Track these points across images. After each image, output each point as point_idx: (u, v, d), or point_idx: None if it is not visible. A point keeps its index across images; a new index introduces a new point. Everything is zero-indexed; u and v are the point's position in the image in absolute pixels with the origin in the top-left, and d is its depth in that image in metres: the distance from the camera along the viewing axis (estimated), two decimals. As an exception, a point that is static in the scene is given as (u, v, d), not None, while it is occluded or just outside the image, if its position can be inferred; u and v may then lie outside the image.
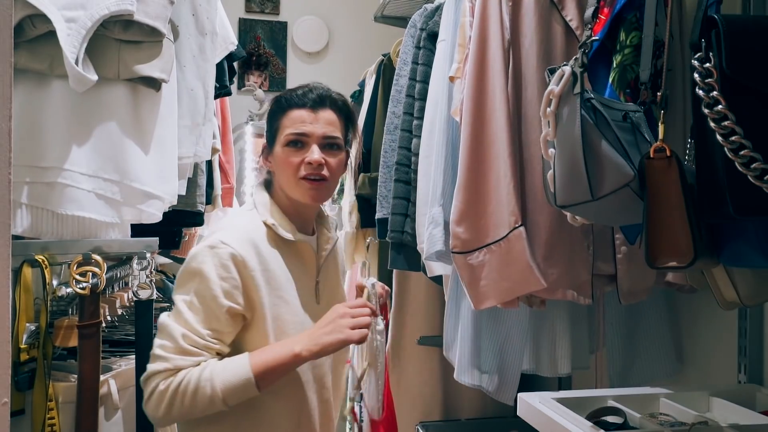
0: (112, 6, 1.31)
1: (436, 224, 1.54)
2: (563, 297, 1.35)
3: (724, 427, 1.07)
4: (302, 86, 1.40)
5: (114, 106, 1.41)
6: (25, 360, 1.31)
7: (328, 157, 1.34)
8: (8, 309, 0.64)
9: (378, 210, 1.98)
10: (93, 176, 1.39)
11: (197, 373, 1.21)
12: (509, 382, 1.57)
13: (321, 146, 1.34)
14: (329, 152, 1.35)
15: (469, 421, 2.22)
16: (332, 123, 1.36)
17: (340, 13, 3.74)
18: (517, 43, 1.35)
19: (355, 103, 2.81)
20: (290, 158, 1.34)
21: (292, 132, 1.34)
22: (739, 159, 0.87)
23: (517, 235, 1.29)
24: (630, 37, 1.20)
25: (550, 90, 1.06)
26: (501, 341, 1.57)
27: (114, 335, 1.75)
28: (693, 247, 0.95)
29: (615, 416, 1.18)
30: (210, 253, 1.26)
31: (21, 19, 1.27)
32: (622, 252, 1.34)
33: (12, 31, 0.65)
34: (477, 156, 1.34)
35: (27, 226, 1.35)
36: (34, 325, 1.33)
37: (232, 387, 1.20)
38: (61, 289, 1.37)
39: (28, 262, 1.33)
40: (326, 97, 1.37)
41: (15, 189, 1.30)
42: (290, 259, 1.36)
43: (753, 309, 1.35)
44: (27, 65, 1.32)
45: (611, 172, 1.01)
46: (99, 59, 1.36)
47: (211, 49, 1.78)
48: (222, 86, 2.00)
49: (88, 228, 1.41)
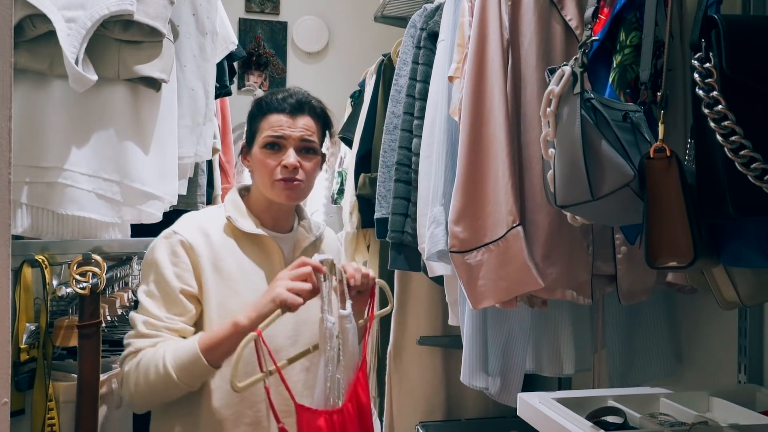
0: (112, 6, 1.31)
1: (438, 224, 1.54)
2: (562, 297, 1.35)
3: (724, 427, 1.07)
4: (282, 90, 1.45)
5: (114, 106, 1.41)
6: (25, 360, 1.31)
7: (303, 161, 1.40)
8: (8, 309, 0.64)
9: (377, 210, 1.98)
10: (93, 176, 1.39)
11: (152, 351, 1.27)
12: (512, 384, 1.56)
13: (297, 150, 1.39)
14: (305, 156, 1.41)
15: (469, 421, 2.22)
16: (309, 128, 1.41)
17: (340, 13, 3.74)
18: (516, 43, 1.35)
19: (355, 103, 2.81)
20: (267, 160, 1.39)
21: (270, 135, 1.38)
22: (739, 159, 0.87)
23: (515, 234, 1.29)
24: (630, 37, 1.20)
25: (550, 90, 1.06)
26: (504, 343, 1.57)
27: (114, 335, 1.75)
28: (693, 247, 0.95)
29: (615, 416, 1.18)
30: (163, 242, 1.35)
31: (21, 19, 1.27)
32: (622, 252, 1.34)
33: (12, 31, 0.65)
34: (475, 155, 1.34)
35: (27, 226, 1.36)
36: (34, 325, 1.33)
37: (181, 362, 1.24)
38: (61, 289, 1.37)
39: (28, 262, 1.33)
40: (305, 103, 1.42)
41: (15, 189, 1.30)
42: (252, 253, 1.40)
43: (753, 309, 1.35)
44: (27, 65, 1.32)
45: (611, 172, 1.01)
46: (99, 59, 1.36)
47: (211, 48, 1.78)
48: (222, 86, 2.00)
49: (89, 228, 1.42)
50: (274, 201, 1.41)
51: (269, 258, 1.41)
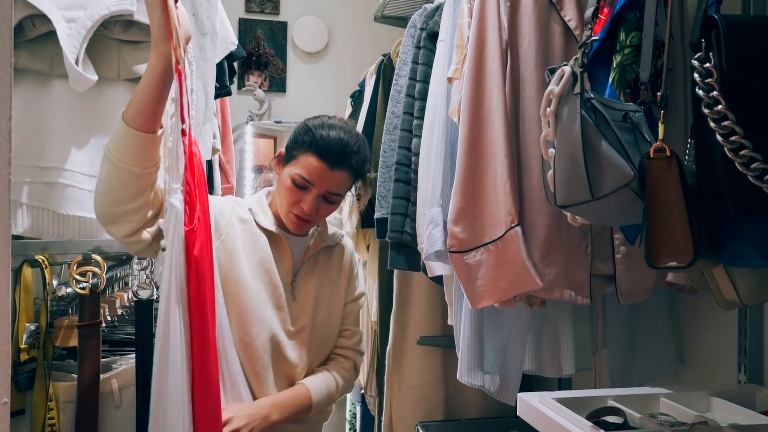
0: (112, 6, 1.31)
1: (436, 224, 1.55)
2: (561, 297, 1.35)
3: (724, 427, 1.07)
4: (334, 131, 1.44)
5: (114, 106, 1.41)
6: (25, 360, 1.31)
7: (322, 207, 1.44)
8: (8, 309, 0.64)
9: (377, 210, 1.98)
10: (93, 176, 1.39)
11: None
12: (511, 382, 1.56)
13: (320, 197, 1.42)
14: (325, 204, 1.45)
15: (469, 421, 2.22)
16: (341, 183, 1.44)
17: (340, 13, 3.74)
18: (515, 44, 1.35)
19: (355, 103, 2.81)
20: (290, 193, 1.43)
21: (301, 175, 1.41)
22: (739, 159, 0.87)
23: (514, 234, 1.29)
24: (630, 37, 1.20)
25: (550, 90, 1.06)
26: (502, 342, 1.57)
27: (114, 335, 1.75)
28: (693, 247, 0.95)
29: (615, 416, 1.18)
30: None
31: (21, 19, 1.28)
32: (621, 252, 1.34)
33: (12, 31, 0.65)
34: (474, 156, 1.35)
35: (27, 226, 1.36)
36: (34, 325, 1.33)
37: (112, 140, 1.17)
38: (61, 289, 1.37)
39: (28, 262, 1.33)
40: (347, 157, 1.43)
41: (15, 189, 1.30)
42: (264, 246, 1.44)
43: (753, 309, 1.35)
44: (27, 65, 1.32)
45: (611, 172, 1.01)
46: (99, 59, 1.36)
47: (211, 49, 1.78)
48: (222, 86, 2.00)
49: (89, 228, 1.42)
50: None
51: (280, 256, 1.46)
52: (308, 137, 1.43)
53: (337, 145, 1.41)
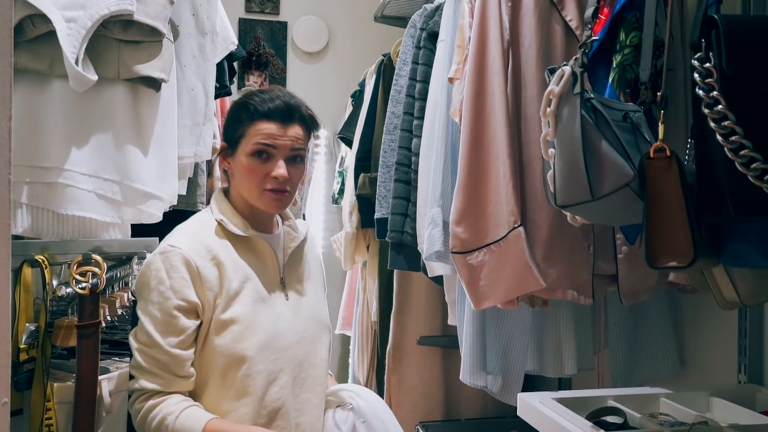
0: (112, 6, 1.31)
1: (435, 225, 1.55)
2: (563, 297, 1.35)
3: (724, 427, 1.07)
4: (269, 93, 1.39)
5: (114, 106, 1.41)
6: (24, 360, 1.31)
7: (292, 170, 1.37)
8: (8, 309, 0.64)
9: (377, 210, 1.98)
10: (93, 176, 1.38)
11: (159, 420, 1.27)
12: (513, 383, 1.56)
13: (286, 159, 1.36)
14: (293, 165, 1.37)
15: (469, 421, 2.22)
16: (299, 137, 1.38)
17: (340, 13, 3.74)
18: (517, 44, 1.35)
19: (355, 103, 2.81)
20: (255, 169, 1.35)
21: (259, 143, 1.34)
22: (739, 159, 0.87)
23: (516, 235, 1.29)
24: (630, 37, 1.20)
25: (550, 90, 1.06)
26: (504, 342, 1.57)
27: (114, 335, 1.74)
28: (693, 247, 0.95)
29: (615, 416, 1.18)
30: (159, 257, 1.31)
31: (21, 19, 1.27)
32: (623, 252, 1.34)
33: (12, 31, 0.64)
34: (476, 156, 1.34)
35: (27, 226, 1.35)
36: (34, 325, 1.33)
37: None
38: (61, 289, 1.36)
39: (28, 262, 1.33)
40: (295, 110, 1.38)
41: (15, 189, 1.29)
42: (245, 255, 1.37)
43: (753, 309, 1.35)
44: (27, 65, 1.32)
45: (611, 172, 1.01)
46: (99, 59, 1.35)
47: (211, 48, 1.78)
48: (222, 86, 2.00)
49: (89, 228, 1.41)
50: (259, 208, 1.39)
51: (262, 260, 1.40)
52: (249, 109, 1.37)
53: (280, 102, 1.37)
